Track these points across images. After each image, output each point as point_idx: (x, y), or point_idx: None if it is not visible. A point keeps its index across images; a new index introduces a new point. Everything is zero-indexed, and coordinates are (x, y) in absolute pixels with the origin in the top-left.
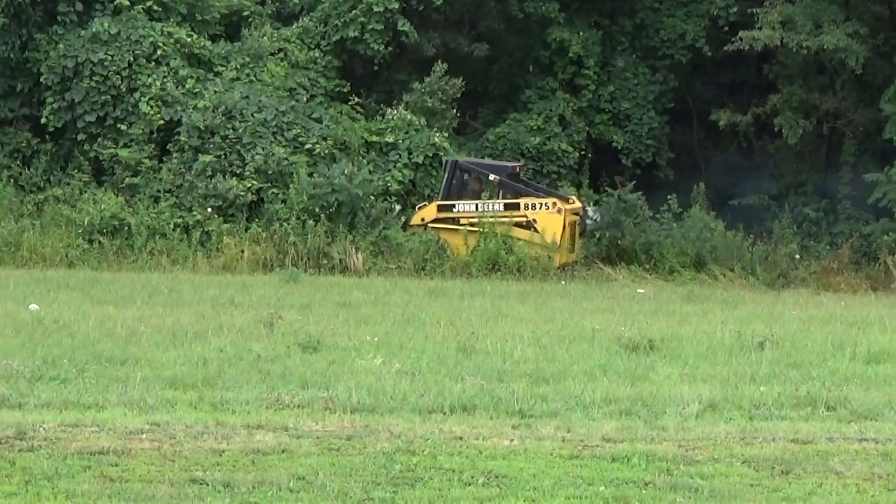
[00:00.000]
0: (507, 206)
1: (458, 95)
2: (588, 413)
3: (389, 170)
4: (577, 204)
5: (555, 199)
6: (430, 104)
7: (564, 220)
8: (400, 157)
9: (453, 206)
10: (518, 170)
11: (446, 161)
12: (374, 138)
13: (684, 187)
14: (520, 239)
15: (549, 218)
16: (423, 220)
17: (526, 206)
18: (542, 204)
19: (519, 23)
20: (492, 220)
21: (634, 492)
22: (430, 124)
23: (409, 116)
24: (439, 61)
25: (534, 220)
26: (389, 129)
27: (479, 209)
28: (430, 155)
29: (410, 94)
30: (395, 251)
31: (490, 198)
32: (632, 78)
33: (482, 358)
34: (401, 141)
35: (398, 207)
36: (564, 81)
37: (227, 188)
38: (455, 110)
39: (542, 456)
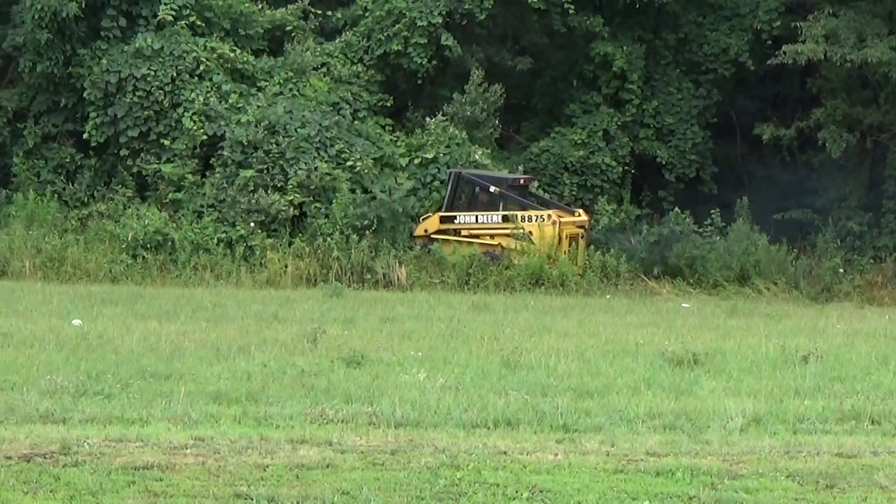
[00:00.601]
0: (504, 219)
1: (500, 104)
2: (632, 427)
3: (429, 182)
4: (583, 217)
5: (552, 212)
6: (470, 113)
7: (559, 232)
8: (439, 171)
9: (455, 217)
10: (524, 182)
11: (449, 173)
12: (415, 154)
13: (728, 201)
14: (512, 248)
15: (544, 230)
16: (426, 231)
17: (523, 219)
18: (538, 216)
19: (562, 37)
20: (490, 232)
21: None
22: (471, 137)
23: (450, 129)
24: (479, 69)
25: (529, 233)
26: (430, 144)
27: (479, 221)
28: (475, 167)
29: (451, 105)
30: (439, 265)
31: (493, 209)
32: (675, 93)
33: (526, 372)
34: (441, 155)
35: None
36: (608, 96)
37: (269, 203)
38: (497, 120)
39: (587, 470)
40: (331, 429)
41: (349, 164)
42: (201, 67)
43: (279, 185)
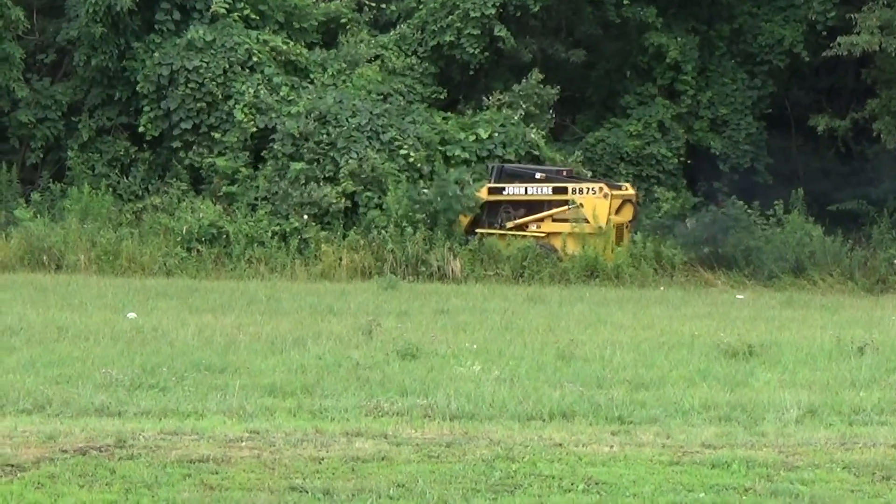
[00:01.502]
0: (555, 191)
1: (553, 102)
2: (687, 419)
3: (486, 157)
4: (631, 191)
5: (602, 184)
6: (525, 107)
7: (611, 204)
8: (495, 147)
9: (504, 188)
10: (566, 174)
11: (492, 167)
12: (468, 134)
13: (782, 193)
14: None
15: (596, 202)
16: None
17: (573, 191)
18: (589, 188)
19: (616, 28)
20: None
21: (735, 498)
22: (527, 120)
23: (505, 110)
24: (535, 68)
25: (580, 205)
26: (483, 122)
27: (528, 192)
28: (523, 153)
29: (507, 94)
30: (494, 258)
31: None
32: (730, 83)
33: (581, 364)
34: (496, 133)
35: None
36: (663, 87)
37: (321, 195)
38: (551, 112)
39: (642, 462)
40: (386, 421)
41: (402, 152)
42: (253, 59)
43: (330, 176)
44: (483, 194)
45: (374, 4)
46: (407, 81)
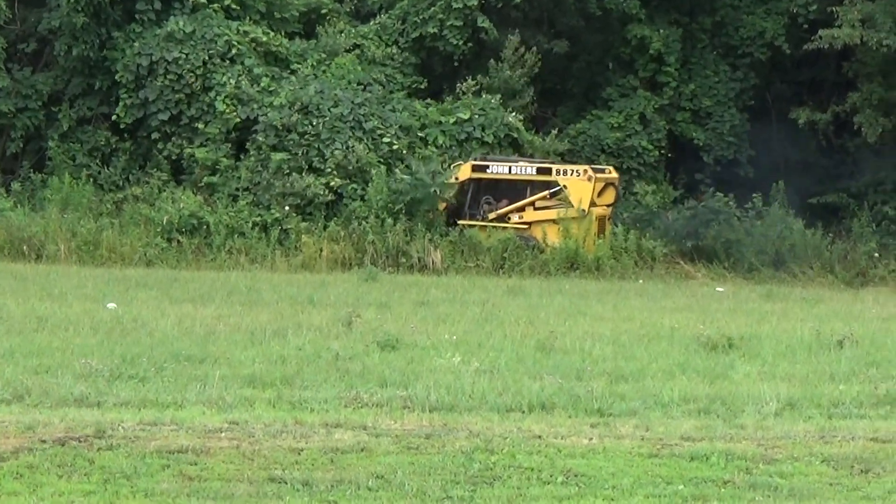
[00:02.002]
0: (539, 171)
1: (536, 71)
2: (667, 412)
3: (464, 140)
4: (614, 174)
5: (587, 167)
6: (506, 80)
7: (594, 187)
8: (473, 130)
9: (487, 167)
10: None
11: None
12: (448, 118)
13: (763, 185)
14: (553, 221)
15: (579, 184)
16: (456, 178)
17: (557, 172)
18: (573, 171)
19: (598, 20)
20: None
21: (713, 490)
22: (506, 105)
23: (483, 94)
24: (516, 38)
25: (564, 186)
26: (463, 106)
27: (513, 171)
28: (502, 136)
29: (486, 75)
30: (474, 249)
31: (519, 193)
32: (712, 76)
33: (561, 356)
34: (476, 116)
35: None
36: (645, 79)
37: (303, 186)
38: (533, 90)
39: (621, 454)
40: (365, 413)
41: (385, 140)
42: (233, 51)
43: (316, 167)
44: (466, 172)
45: None
46: (387, 71)
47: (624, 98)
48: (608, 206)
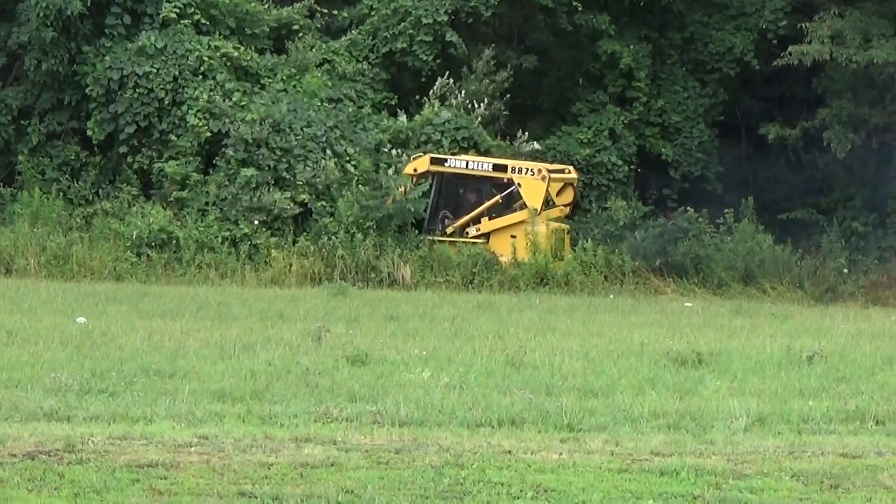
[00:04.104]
0: (495, 167)
1: (506, 86)
2: (636, 427)
3: (426, 141)
4: (573, 174)
5: (542, 167)
6: (476, 89)
7: (548, 187)
8: (443, 135)
9: (446, 160)
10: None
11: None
12: (411, 125)
13: (732, 201)
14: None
15: (533, 184)
16: (415, 170)
17: (513, 170)
18: (528, 169)
19: (568, 36)
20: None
21: None
22: (474, 111)
23: (451, 99)
24: (487, 50)
25: (518, 185)
26: (430, 119)
27: (469, 166)
28: (459, 138)
29: (458, 83)
30: (443, 265)
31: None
32: (682, 91)
33: (530, 371)
34: (446, 122)
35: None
36: (615, 95)
37: (271, 201)
38: (504, 103)
39: (591, 470)
40: (335, 427)
41: (353, 163)
42: (204, 66)
43: (286, 184)
44: (425, 164)
45: (325, 11)
46: (357, 87)
47: (593, 113)
48: (566, 205)
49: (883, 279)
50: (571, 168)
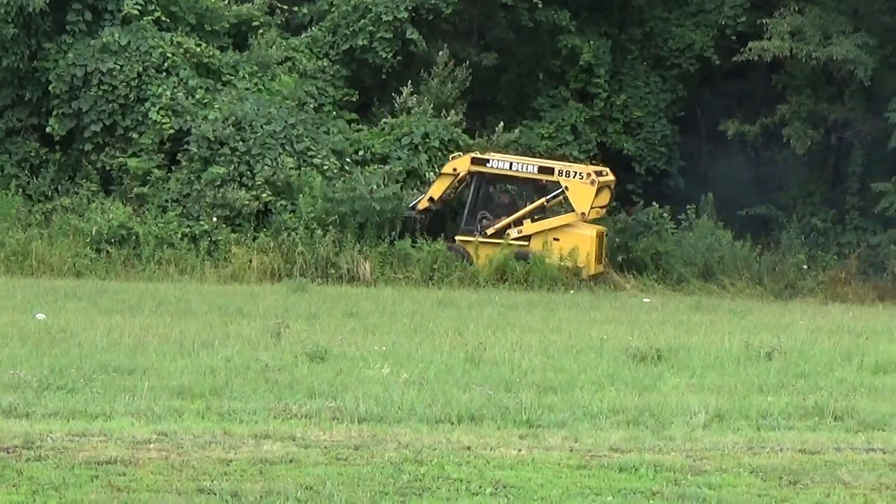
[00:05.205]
0: (541, 170)
1: (466, 86)
2: (595, 423)
3: (403, 146)
4: (611, 176)
5: (591, 171)
6: (438, 96)
7: (601, 193)
8: (413, 139)
9: (488, 160)
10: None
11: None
12: (383, 140)
13: (692, 197)
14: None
15: (581, 187)
16: (454, 169)
17: (560, 173)
18: (576, 172)
19: (529, 32)
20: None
21: (642, 502)
22: (438, 117)
23: (415, 109)
24: (443, 51)
25: (566, 188)
26: (399, 123)
27: (514, 168)
28: (447, 139)
29: (417, 93)
30: (403, 261)
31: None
32: (643, 86)
33: (490, 368)
34: (415, 128)
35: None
36: (576, 90)
37: (234, 198)
38: (465, 105)
39: (550, 466)
40: (294, 424)
41: (315, 161)
42: (168, 62)
43: (246, 182)
44: (465, 164)
45: (285, 7)
46: (318, 84)
47: (555, 109)
48: (602, 207)
49: (842, 275)
50: (608, 170)
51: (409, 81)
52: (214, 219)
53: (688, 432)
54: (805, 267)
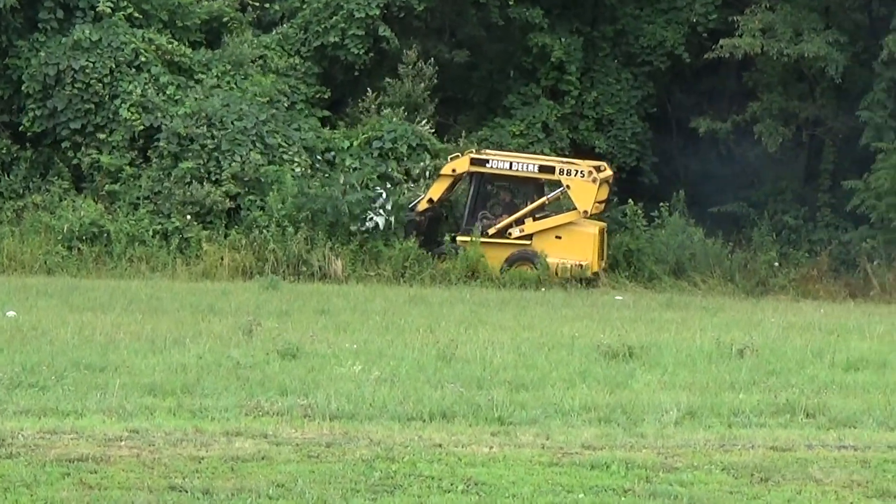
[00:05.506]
0: (541, 168)
1: (434, 83)
2: (567, 420)
3: (376, 154)
4: (609, 172)
5: (591, 168)
6: (407, 96)
7: (599, 189)
8: (383, 145)
9: (487, 161)
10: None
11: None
12: (352, 140)
13: (664, 194)
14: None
15: (583, 185)
16: (453, 170)
17: (561, 171)
18: (577, 171)
19: (500, 29)
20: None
21: (614, 499)
22: (410, 119)
23: (386, 110)
24: (412, 50)
25: (567, 186)
26: (368, 126)
27: (513, 167)
28: (415, 145)
29: (386, 94)
30: (375, 258)
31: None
32: (614, 83)
33: (461, 365)
34: (386, 133)
35: (382, 196)
36: (547, 88)
37: (204, 195)
38: (433, 106)
39: (522, 463)
40: (266, 421)
41: (286, 157)
42: (140, 59)
43: (214, 178)
44: (464, 164)
45: (257, 4)
46: (290, 82)
47: (526, 106)
48: (600, 202)
49: (813, 272)
50: (606, 165)
51: (382, 79)
52: (186, 216)
53: (659, 429)
54: (776, 264)
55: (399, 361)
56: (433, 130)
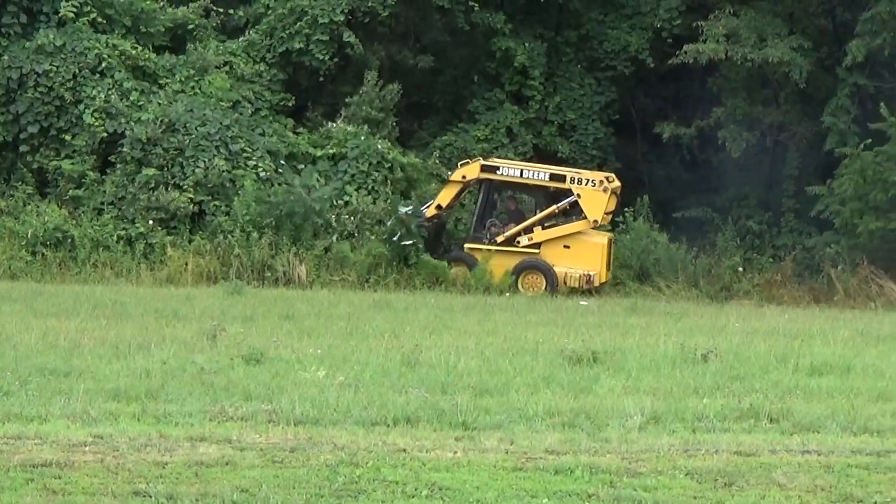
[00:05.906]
0: (552, 177)
1: (397, 100)
2: (531, 425)
3: (341, 176)
4: (616, 182)
5: (602, 178)
6: (366, 112)
7: (609, 200)
8: (349, 166)
9: (498, 168)
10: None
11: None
12: (318, 151)
13: (628, 199)
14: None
15: (594, 195)
16: (463, 177)
17: (572, 180)
18: (588, 180)
19: (464, 35)
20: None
21: None
22: (372, 133)
23: (348, 128)
24: (373, 69)
25: (578, 195)
26: (334, 142)
27: (524, 175)
28: (376, 162)
29: (347, 108)
30: (340, 263)
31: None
32: (578, 88)
33: (426, 370)
34: (350, 150)
35: (405, 208)
36: (511, 93)
37: (168, 200)
38: (395, 119)
39: (486, 468)
40: (230, 426)
41: (251, 162)
42: (103, 64)
43: (178, 184)
44: (475, 171)
45: (221, 10)
46: (255, 88)
47: (490, 111)
48: (608, 213)
49: (777, 277)
50: (614, 175)
51: (347, 84)
52: (150, 221)
53: (623, 434)
54: (741, 269)
55: (363, 366)
56: (393, 137)
